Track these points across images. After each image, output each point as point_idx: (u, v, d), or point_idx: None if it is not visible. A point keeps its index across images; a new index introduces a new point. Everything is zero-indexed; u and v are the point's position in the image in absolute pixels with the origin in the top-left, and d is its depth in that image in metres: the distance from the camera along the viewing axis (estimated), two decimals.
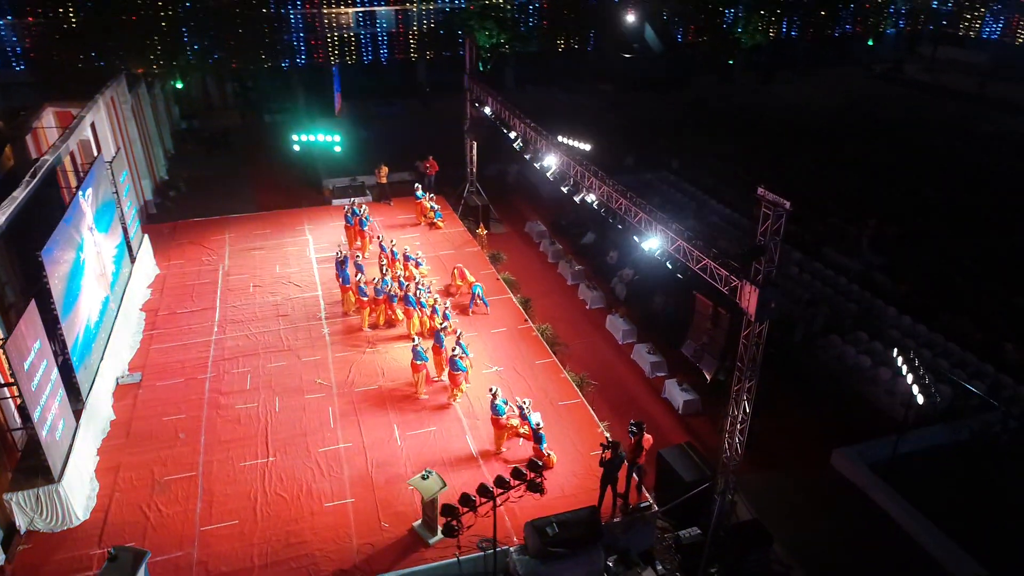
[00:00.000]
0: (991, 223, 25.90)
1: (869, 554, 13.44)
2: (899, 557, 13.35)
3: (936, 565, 13.13)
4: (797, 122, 38.74)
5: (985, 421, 16.19)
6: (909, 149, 33.88)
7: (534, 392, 16.33)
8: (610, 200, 15.90)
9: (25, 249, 14.23)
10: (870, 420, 16.98)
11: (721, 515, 12.84)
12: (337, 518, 12.87)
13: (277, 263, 22.26)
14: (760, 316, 11.30)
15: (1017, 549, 13.25)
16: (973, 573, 12.37)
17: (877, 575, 13.10)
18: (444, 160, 28.79)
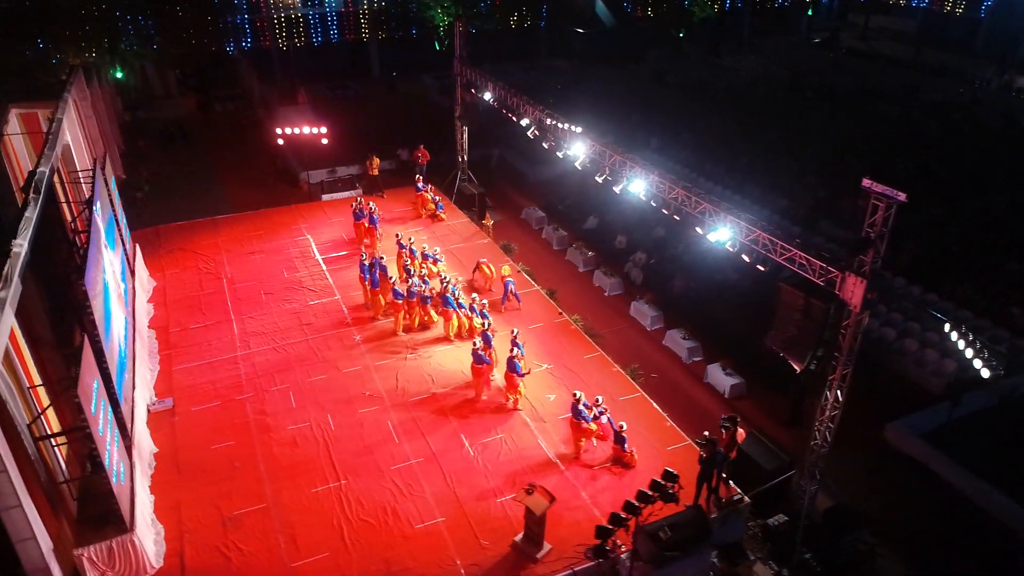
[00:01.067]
0: (966, 189, 27.15)
1: (938, 523, 13.95)
2: (967, 524, 13.92)
3: (1003, 527, 13.77)
4: (757, 95, 39.46)
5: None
6: (869, 119, 35.05)
7: (592, 388, 16.08)
8: (662, 190, 15.70)
9: (42, 275, 12.91)
10: (904, 392, 17.59)
11: (811, 501, 13.06)
12: (433, 540, 12.37)
13: (282, 267, 21.07)
14: (865, 306, 11.40)
15: None
16: None
17: (952, 544, 13.61)
18: (408, 145, 28.14)
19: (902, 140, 31.91)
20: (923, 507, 14.37)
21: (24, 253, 11.86)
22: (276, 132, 26.01)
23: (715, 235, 14.18)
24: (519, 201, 27.91)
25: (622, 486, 13.56)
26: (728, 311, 20.09)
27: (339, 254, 21.88)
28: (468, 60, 24.73)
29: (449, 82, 41.36)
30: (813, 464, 13.04)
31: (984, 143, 31.58)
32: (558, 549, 12.15)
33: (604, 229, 25.12)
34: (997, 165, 29.06)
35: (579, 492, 13.37)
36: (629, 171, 16.66)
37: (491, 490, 13.40)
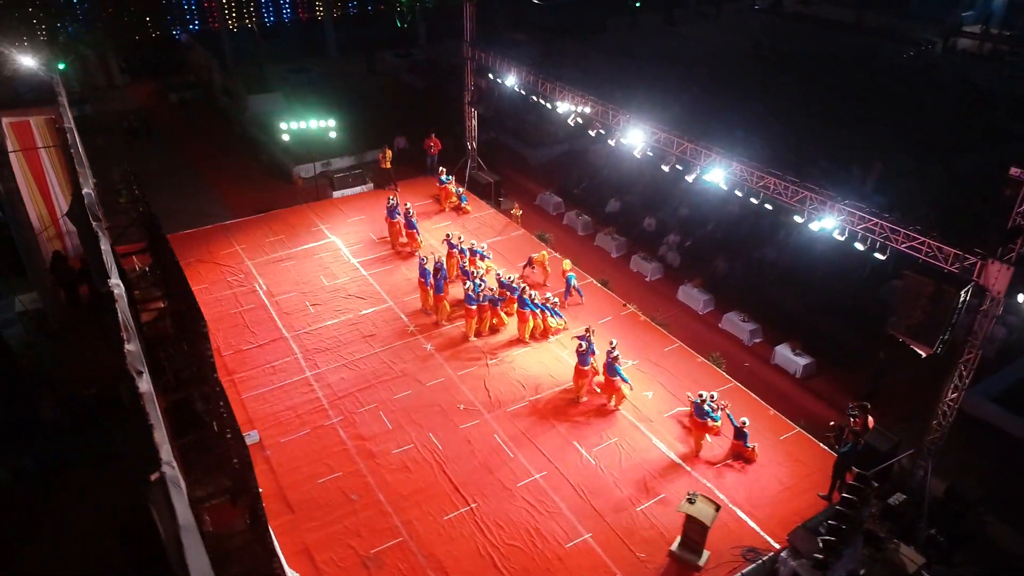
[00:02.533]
0: (953, 150, 28.40)
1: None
2: None
3: None
4: (728, 66, 39.89)
5: None
6: (839, 86, 36.06)
7: (684, 382, 16.05)
8: (747, 179, 15.56)
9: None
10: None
11: (927, 479, 13.46)
12: (589, 558, 12.05)
13: (319, 274, 19.86)
14: (1010, 292, 11.66)
15: None
16: None
17: None
18: (403, 132, 27.18)
19: (879, 106, 33.00)
20: (1008, 470, 15.02)
21: (122, 295, 10.67)
22: (280, 128, 24.24)
23: (819, 224, 14.18)
24: (527, 186, 27.28)
25: (750, 482, 13.60)
26: (778, 290, 20.37)
27: (373, 256, 20.81)
28: (480, 43, 23.75)
29: (415, 60, 40.43)
30: (932, 443, 13.41)
31: (955, 105, 33.06)
32: (715, 554, 12.06)
33: (627, 211, 24.91)
34: (975, 127, 30.56)
35: (714, 492, 13.28)
36: (704, 160, 16.40)
37: (626, 499, 13.15)
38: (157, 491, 7.62)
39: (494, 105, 24.21)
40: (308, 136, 24.78)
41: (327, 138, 25.02)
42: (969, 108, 32.86)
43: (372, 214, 23.08)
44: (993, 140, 29.34)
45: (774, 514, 12.90)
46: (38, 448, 14.68)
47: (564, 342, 17.32)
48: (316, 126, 24.36)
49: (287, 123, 24.12)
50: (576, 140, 30.17)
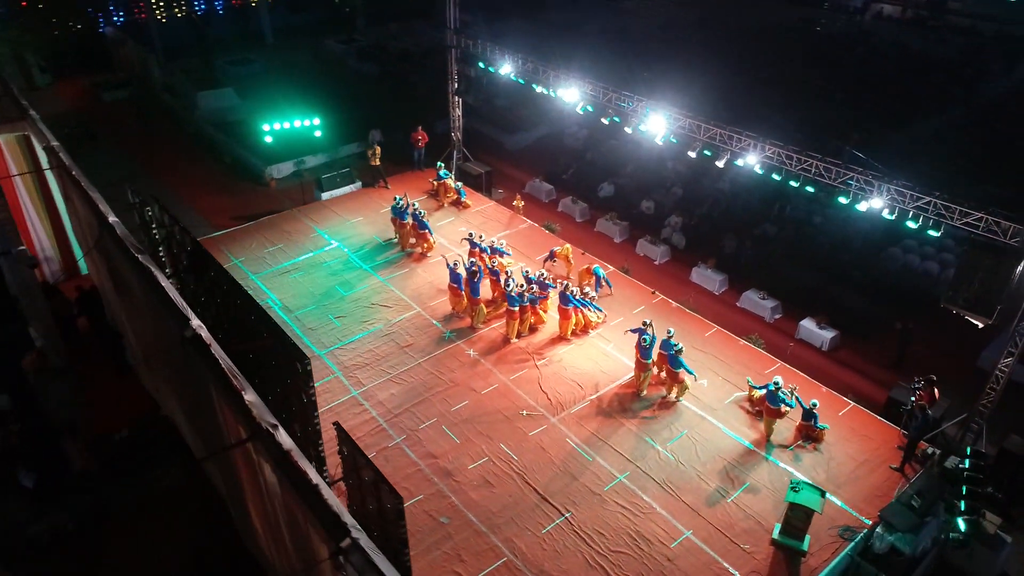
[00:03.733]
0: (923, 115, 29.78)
1: None
2: None
3: None
4: (677, 40, 40.30)
5: None
6: (789, 55, 37.13)
7: (734, 367, 16.25)
8: (783, 162, 15.73)
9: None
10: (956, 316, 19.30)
11: (983, 440, 14.21)
12: (698, 557, 12.07)
13: (334, 283, 18.90)
14: None
15: None
16: None
17: None
18: (370, 122, 26.31)
19: (834, 76, 34.18)
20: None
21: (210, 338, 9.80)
22: (263, 128, 22.77)
23: (866, 204, 14.53)
24: (509, 173, 26.81)
25: (826, 461, 13.97)
26: (787, 265, 20.88)
27: (385, 260, 19.98)
28: (465, 30, 22.98)
29: (362, 46, 38.85)
30: (985, 406, 14.11)
31: (904, 72, 34.66)
32: (814, 538, 12.33)
33: (621, 195, 24.91)
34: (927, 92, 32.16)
35: (794, 476, 13.54)
36: (735, 144, 16.46)
37: (715, 491, 13.25)
38: (358, 558, 7.08)
39: (484, 93, 23.57)
40: (291, 136, 23.44)
41: (312, 137, 23.71)
42: (918, 74, 34.48)
43: (369, 215, 22.15)
44: (944, 104, 30.97)
45: (858, 491, 13.30)
46: (73, 501, 13.44)
47: (607, 335, 17.21)
48: (300, 125, 22.96)
49: (269, 123, 22.65)
50: (552, 123, 29.91)
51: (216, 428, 10.13)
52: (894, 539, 12.25)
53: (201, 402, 10.40)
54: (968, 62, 36.74)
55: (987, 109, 31.45)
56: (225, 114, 29.75)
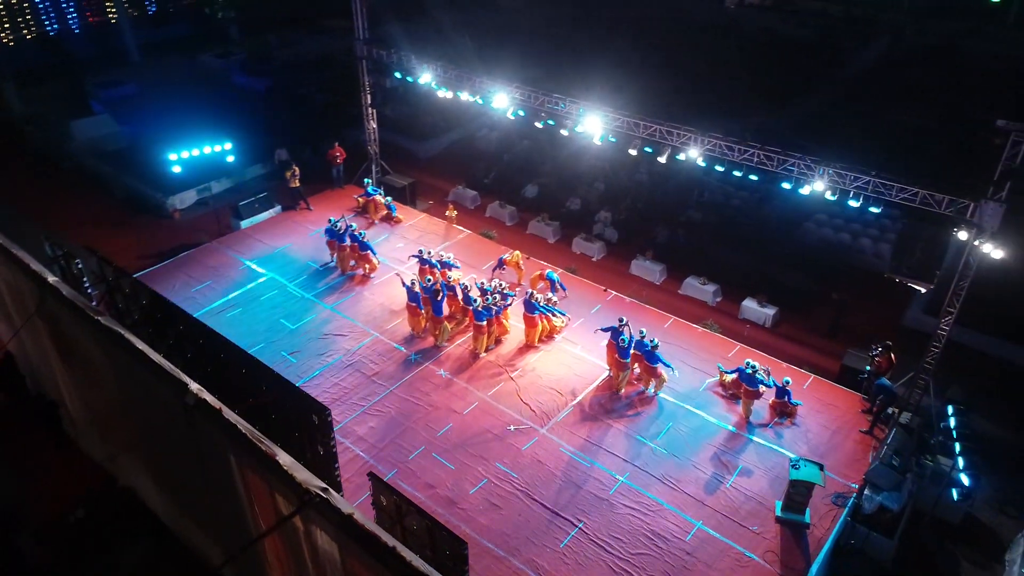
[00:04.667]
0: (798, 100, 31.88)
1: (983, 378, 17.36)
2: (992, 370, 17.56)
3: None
4: (561, 36, 40.94)
5: None
6: (673, 46, 38.71)
7: (699, 354, 16.80)
8: (727, 153, 16.36)
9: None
10: (876, 282, 20.96)
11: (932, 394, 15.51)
12: (713, 545, 12.41)
13: (278, 317, 17.81)
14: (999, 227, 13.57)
15: None
16: None
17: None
18: (272, 141, 25.25)
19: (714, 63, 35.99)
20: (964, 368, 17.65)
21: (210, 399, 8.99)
22: (170, 158, 21.01)
23: (809, 188, 15.40)
24: (431, 182, 26.30)
25: (804, 433, 14.76)
26: (719, 248, 21.83)
27: (326, 286, 19.08)
28: (373, 39, 22.28)
29: (244, 60, 36.81)
30: (929, 364, 15.39)
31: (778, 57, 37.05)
32: (812, 509, 12.98)
33: (546, 195, 25.08)
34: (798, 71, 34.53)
35: (779, 451, 14.22)
36: (676, 140, 16.96)
37: (712, 479, 13.66)
38: None
39: (401, 104, 22.97)
40: (199, 163, 21.83)
41: (224, 163, 22.19)
42: (788, 58, 36.92)
43: (297, 239, 21.06)
44: (814, 84, 33.38)
45: (838, 458, 14.13)
46: None
47: (572, 338, 17.31)
48: (210, 151, 21.43)
49: (177, 153, 20.96)
50: (463, 128, 29.66)
51: (234, 504, 9.24)
52: (881, 498, 13.16)
53: (210, 475, 9.46)
54: (826, 43, 39.75)
55: (851, 85, 34.22)
56: (105, 143, 27.34)
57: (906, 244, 14.67)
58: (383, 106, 22.83)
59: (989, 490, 14.35)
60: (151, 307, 11.63)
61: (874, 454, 14.10)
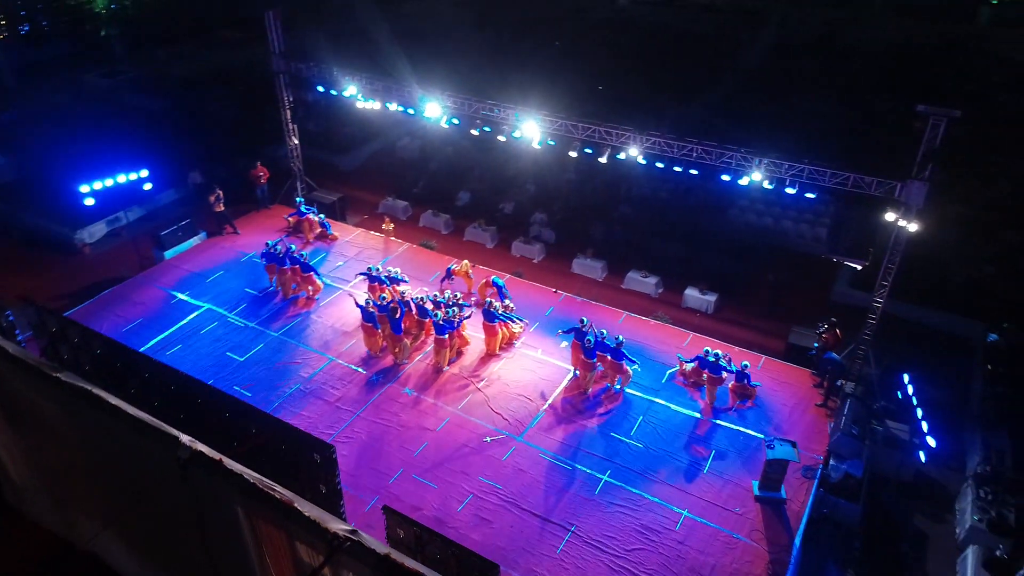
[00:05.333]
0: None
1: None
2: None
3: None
4: (468, 39, 40.94)
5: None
6: (580, 46, 39.48)
7: (656, 345, 17.26)
8: (666, 150, 16.85)
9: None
10: (802, 262, 22.22)
11: (872, 363, 16.60)
12: (702, 532, 12.80)
13: (223, 351, 16.94)
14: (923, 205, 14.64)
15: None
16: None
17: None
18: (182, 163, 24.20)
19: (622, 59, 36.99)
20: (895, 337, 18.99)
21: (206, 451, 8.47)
22: (83, 190, 19.51)
23: (747, 179, 16.09)
24: (358, 196, 25.65)
25: (766, 414, 15.42)
26: (655, 241, 22.48)
27: (269, 313, 18.30)
28: (289, 54, 21.52)
29: (133, 79, 34.72)
30: (868, 336, 16.46)
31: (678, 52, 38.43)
32: (786, 484, 13.63)
33: (479, 200, 25.02)
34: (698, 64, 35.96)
35: (746, 432, 14.83)
36: (615, 140, 17.32)
37: (689, 467, 14.08)
38: None
39: (318, 116, 22.32)
40: (108, 192, 20.41)
41: (141, 192, 20.84)
42: (690, 53, 38.38)
43: (229, 266, 20.09)
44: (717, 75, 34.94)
45: (799, 433, 14.84)
46: None
47: (531, 343, 17.38)
48: (125, 180, 20.09)
49: (89, 184, 19.51)
50: (383, 137, 29.16)
51: (240, 559, 8.72)
52: (846, 466, 13.96)
53: (209, 532, 8.87)
54: (720, 36, 41.63)
55: (752, 76, 36.01)
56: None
57: (840, 225, 15.59)
58: (306, 121, 22.06)
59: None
60: (108, 355, 10.81)
61: (832, 425, 14.96)
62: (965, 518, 13.61)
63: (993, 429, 15.18)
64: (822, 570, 13.21)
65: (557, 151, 18.46)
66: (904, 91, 32.58)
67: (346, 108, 22.12)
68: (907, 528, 14.17)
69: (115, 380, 11.11)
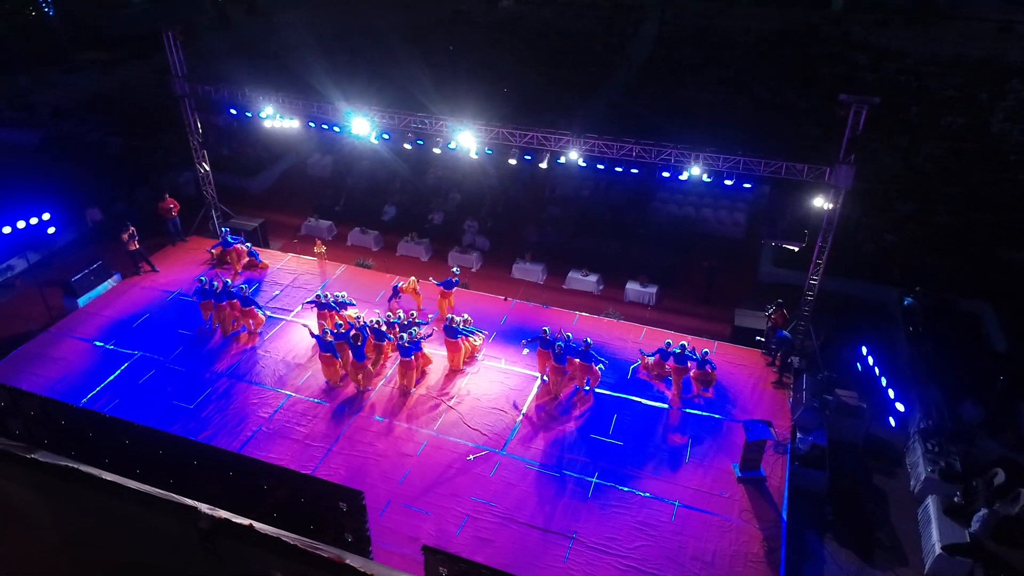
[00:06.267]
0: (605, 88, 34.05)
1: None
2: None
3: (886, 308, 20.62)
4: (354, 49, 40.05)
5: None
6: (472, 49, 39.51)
7: (615, 343, 17.61)
8: (605, 151, 17.20)
9: None
10: (726, 246, 23.40)
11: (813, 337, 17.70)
12: (696, 519, 13.21)
13: (169, 400, 15.76)
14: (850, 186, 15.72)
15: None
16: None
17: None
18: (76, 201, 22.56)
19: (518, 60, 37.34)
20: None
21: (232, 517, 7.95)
22: None
23: (687, 174, 16.69)
24: (276, 219, 24.49)
25: (732, 396, 16.09)
26: (587, 239, 22.92)
27: (211, 353, 17.20)
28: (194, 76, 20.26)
29: None
30: (807, 312, 17.54)
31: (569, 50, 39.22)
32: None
33: (406, 213, 24.57)
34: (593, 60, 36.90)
35: (719, 417, 15.45)
36: (554, 144, 17.47)
37: (670, 457, 14.51)
38: None
39: (227, 139, 21.15)
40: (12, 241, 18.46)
41: (47, 236, 18.95)
42: (580, 50, 39.26)
43: (154, 307, 18.71)
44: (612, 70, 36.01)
45: (764, 410, 15.64)
46: None
47: (493, 353, 17.30)
48: (26, 225, 18.20)
49: None
50: (290, 156, 28.06)
51: None
52: (812, 437, 14.83)
53: None
54: (605, 32, 42.91)
55: (645, 65, 37.43)
56: None
57: (775, 211, 16.51)
58: (218, 146, 20.82)
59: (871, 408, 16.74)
60: (78, 425, 9.81)
61: (792, 400, 15.84)
62: (919, 471, 14.78)
63: (925, 386, 16.56)
64: (802, 539, 13.97)
65: (475, 157, 18.36)
66: (782, 77, 34.94)
67: (249, 128, 21.16)
68: (867, 488, 15.22)
69: (84, 452, 10.13)
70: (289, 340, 17.50)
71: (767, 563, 12.42)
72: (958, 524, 13.40)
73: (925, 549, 13.59)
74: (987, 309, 19.67)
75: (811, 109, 30.49)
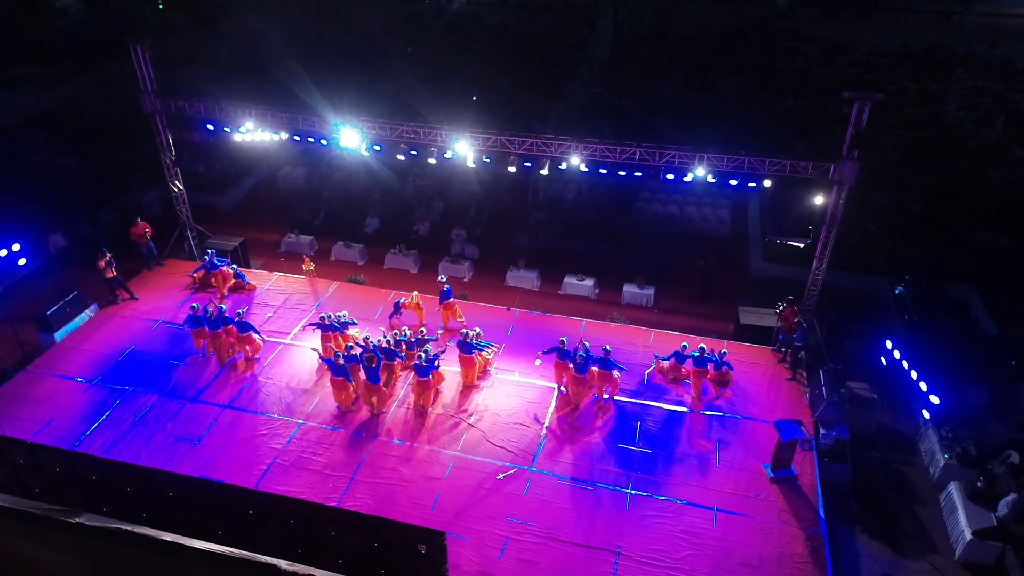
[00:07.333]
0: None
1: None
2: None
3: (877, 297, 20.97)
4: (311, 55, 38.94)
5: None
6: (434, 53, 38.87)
7: (625, 347, 17.43)
8: (608, 155, 17.00)
9: None
10: (714, 244, 23.54)
11: (816, 330, 17.91)
12: (737, 523, 13.13)
13: (171, 437, 14.83)
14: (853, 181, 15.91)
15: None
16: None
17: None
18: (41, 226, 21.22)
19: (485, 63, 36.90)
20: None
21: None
22: None
23: (691, 175, 16.63)
24: (252, 236, 23.48)
25: (751, 395, 16.14)
26: (575, 242, 22.74)
27: (208, 383, 16.30)
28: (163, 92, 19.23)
29: None
30: (810, 306, 17.74)
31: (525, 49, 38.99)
32: None
33: (391, 224, 23.91)
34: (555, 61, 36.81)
35: (736, 418, 15.44)
36: (555, 151, 17.19)
37: (700, 461, 14.41)
38: None
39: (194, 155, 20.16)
40: None
41: (16, 268, 17.62)
42: (540, 50, 39.06)
43: (139, 337, 17.66)
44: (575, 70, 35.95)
45: (783, 407, 15.72)
46: None
47: (505, 366, 16.93)
48: None
49: None
50: (259, 169, 27.03)
51: None
52: (836, 432, 14.95)
53: None
54: (563, 32, 42.82)
55: (606, 66, 37.47)
56: None
57: (780, 209, 16.58)
58: (193, 163, 19.80)
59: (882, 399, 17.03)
60: (108, 478, 9.03)
61: (808, 395, 15.96)
62: (936, 458, 15.06)
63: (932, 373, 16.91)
64: (834, 534, 14.05)
65: (455, 163, 17.97)
66: (743, 73, 35.50)
67: (216, 143, 20.25)
68: (887, 478, 15.44)
69: (113, 505, 9.36)
70: (290, 364, 16.75)
71: (813, 563, 12.42)
72: (984, 509, 13.68)
73: (953, 536, 13.82)
74: (971, 294, 20.28)
75: (783, 105, 31.05)
